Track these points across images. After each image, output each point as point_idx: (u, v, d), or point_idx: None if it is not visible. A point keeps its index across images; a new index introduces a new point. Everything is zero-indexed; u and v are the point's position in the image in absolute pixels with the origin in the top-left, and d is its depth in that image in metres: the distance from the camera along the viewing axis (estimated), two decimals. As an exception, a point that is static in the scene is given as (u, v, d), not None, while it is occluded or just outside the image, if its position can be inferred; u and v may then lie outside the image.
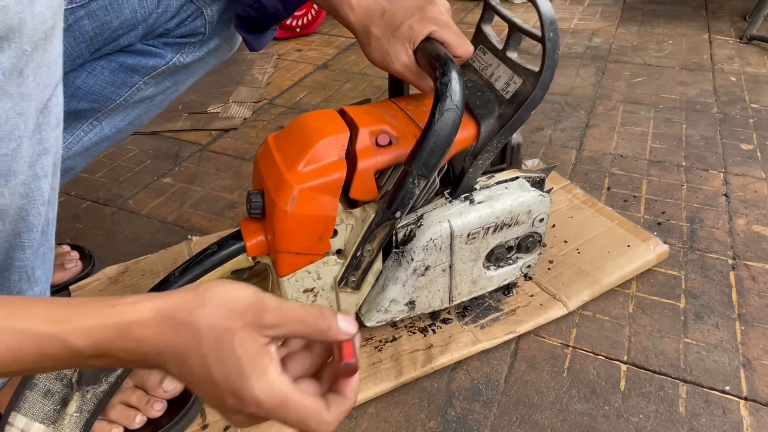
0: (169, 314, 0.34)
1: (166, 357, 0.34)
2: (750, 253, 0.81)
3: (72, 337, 0.33)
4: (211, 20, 0.68)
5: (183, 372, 0.35)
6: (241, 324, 0.34)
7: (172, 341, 0.34)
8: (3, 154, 0.40)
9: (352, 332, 0.37)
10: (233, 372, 0.34)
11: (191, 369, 0.34)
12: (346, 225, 0.60)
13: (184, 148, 1.17)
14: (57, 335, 0.33)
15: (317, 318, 0.36)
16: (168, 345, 0.34)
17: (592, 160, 1.06)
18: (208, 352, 0.34)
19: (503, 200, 0.62)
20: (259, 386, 0.34)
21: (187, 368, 0.34)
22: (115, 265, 0.81)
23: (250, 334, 0.34)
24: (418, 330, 0.69)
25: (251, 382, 0.34)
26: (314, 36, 1.79)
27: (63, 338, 0.33)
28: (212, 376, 0.34)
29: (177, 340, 0.34)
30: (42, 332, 0.32)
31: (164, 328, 0.34)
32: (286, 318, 0.35)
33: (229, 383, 0.34)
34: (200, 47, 0.71)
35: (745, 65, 1.42)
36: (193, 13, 0.66)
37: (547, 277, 0.75)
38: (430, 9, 0.57)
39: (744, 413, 0.59)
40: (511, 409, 0.61)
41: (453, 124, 0.52)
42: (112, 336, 0.33)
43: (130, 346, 0.34)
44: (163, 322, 0.34)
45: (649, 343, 0.68)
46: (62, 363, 0.34)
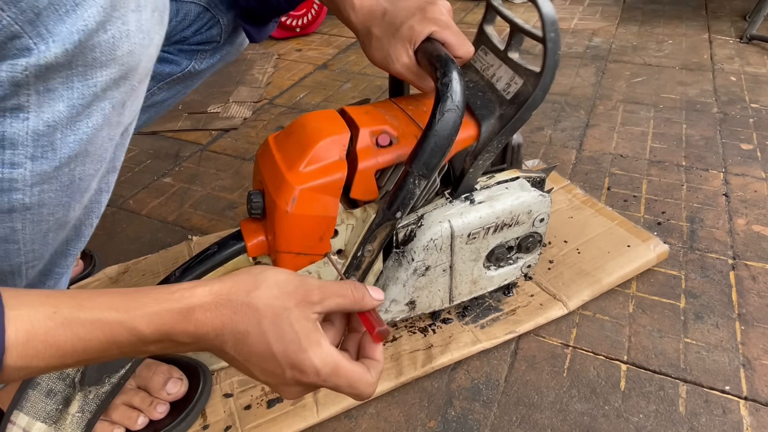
0: (227, 297, 0.38)
1: (225, 338, 0.38)
2: (750, 253, 0.81)
3: (139, 323, 0.35)
4: (227, 28, 0.69)
5: (240, 351, 0.38)
6: (294, 303, 0.39)
7: (231, 322, 0.37)
8: (89, 175, 0.43)
9: (381, 297, 0.43)
10: (293, 346, 0.38)
11: (250, 347, 0.38)
12: (346, 225, 0.60)
13: (184, 148, 1.17)
14: (126, 322, 0.35)
15: (353, 290, 0.42)
16: (226, 326, 0.37)
17: (592, 160, 1.06)
18: (267, 330, 0.38)
19: (504, 200, 0.62)
20: (317, 356, 0.38)
21: (246, 347, 0.38)
22: (116, 265, 0.82)
23: (303, 311, 0.39)
24: (419, 330, 0.69)
25: (309, 353, 0.38)
26: (314, 36, 1.79)
27: (131, 325, 0.35)
28: (272, 352, 0.38)
29: (237, 320, 0.37)
30: (111, 320, 0.35)
31: (224, 311, 0.37)
32: (328, 293, 0.41)
33: (289, 356, 0.38)
34: (214, 54, 0.72)
35: (745, 65, 1.42)
36: (209, 21, 0.67)
37: (547, 277, 0.75)
38: (431, 10, 0.57)
39: (744, 413, 0.60)
40: (511, 409, 0.61)
41: (454, 125, 0.52)
42: (175, 320, 0.36)
43: (190, 329, 0.37)
44: (222, 305, 0.37)
45: (649, 342, 0.68)
46: (127, 350, 0.36)
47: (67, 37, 0.35)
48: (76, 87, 0.37)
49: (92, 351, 0.35)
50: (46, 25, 0.34)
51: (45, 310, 0.33)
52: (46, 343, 0.33)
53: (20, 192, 0.40)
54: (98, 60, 0.37)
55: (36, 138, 0.38)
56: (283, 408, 0.60)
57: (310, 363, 0.38)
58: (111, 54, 0.37)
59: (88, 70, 0.37)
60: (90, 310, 0.34)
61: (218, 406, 0.61)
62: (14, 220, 0.41)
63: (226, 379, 0.64)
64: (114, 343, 0.35)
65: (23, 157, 0.38)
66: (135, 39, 0.39)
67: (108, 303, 0.35)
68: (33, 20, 0.34)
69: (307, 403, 0.61)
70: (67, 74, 0.36)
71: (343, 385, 0.40)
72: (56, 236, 0.47)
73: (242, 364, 0.39)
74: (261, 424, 0.59)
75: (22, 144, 0.38)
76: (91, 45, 0.36)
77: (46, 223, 0.44)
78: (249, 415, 0.60)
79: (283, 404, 0.61)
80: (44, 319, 0.33)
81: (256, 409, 0.61)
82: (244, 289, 0.39)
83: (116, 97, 0.41)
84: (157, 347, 0.37)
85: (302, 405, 0.60)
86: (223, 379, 0.64)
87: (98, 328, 0.34)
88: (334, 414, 0.60)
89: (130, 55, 0.39)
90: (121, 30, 0.37)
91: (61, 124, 0.38)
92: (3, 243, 0.43)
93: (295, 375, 0.39)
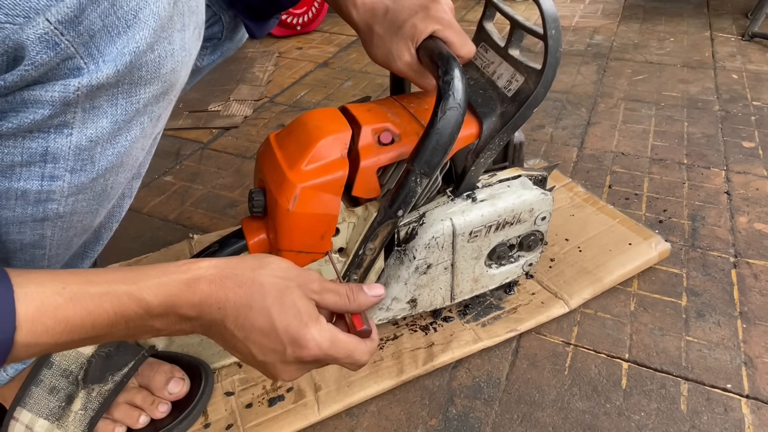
0: (233, 271, 0.39)
1: (227, 311, 0.38)
2: (752, 251, 0.81)
3: (147, 294, 0.36)
4: (228, 25, 0.69)
5: (242, 326, 0.39)
6: (296, 283, 0.41)
7: (235, 295, 0.38)
8: (120, 183, 0.44)
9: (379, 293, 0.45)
10: (294, 320, 0.39)
11: (252, 322, 0.39)
12: (348, 223, 0.60)
13: (184, 146, 1.17)
14: (134, 293, 0.36)
15: (348, 292, 0.43)
16: (229, 299, 0.38)
17: (594, 158, 1.06)
18: (271, 305, 0.39)
19: (505, 198, 0.62)
20: (317, 330, 0.40)
21: (248, 321, 0.39)
22: (117, 263, 0.82)
23: (304, 292, 0.41)
24: (420, 328, 0.69)
25: (310, 327, 0.40)
26: (315, 34, 1.79)
27: (139, 296, 0.36)
28: (275, 326, 0.39)
29: (240, 293, 0.39)
30: (120, 292, 0.36)
31: (228, 283, 0.38)
32: (326, 288, 0.43)
33: (290, 332, 0.39)
34: (214, 51, 0.72)
35: (747, 63, 1.42)
36: (211, 18, 0.67)
37: (549, 275, 0.75)
38: (433, 8, 0.57)
39: (745, 411, 0.60)
40: (513, 407, 0.61)
41: (455, 123, 0.51)
42: (180, 290, 0.37)
43: (195, 299, 0.38)
44: (227, 277, 0.39)
45: (651, 341, 0.68)
46: (133, 324, 0.37)
47: (118, 58, 0.35)
48: (120, 104, 0.38)
49: (100, 326, 0.35)
50: (98, 47, 0.34)
51: (54, 286, 0.34)
52: (56, 319, 0.33)
53: (56, 202, 0.40)
54: (144, 78, 0.37)
55: (77, 152, 0.38)
56: (284, 406, 0.60)
57: (311, 336, 0.40)
58: (156, 72, 0.38)
59: (133, 87, 0.37)
60: (98, 284, 0.35)
61: (220, 404, 0.61)
62: (45, 227, 0.42)
63: (227, 377, 0.64)
64: (122, 316, 0.36)
65: (63, 171, 0.39)
66: (178, 57, 0.39)
67: (116, 277, 0.36)
68: (87, 42, 0.34)
69: (309, 401, 0.61)
70: (114, 92, 0.37)
71: (342, 356, 0.42)
72: (79, 240, 0.47)
73: (241, 341, 0.40)
74: (262, 422, 0.59)
75: (63, 158, 0.38)
76: (139, 65, 0.36)
77: (73, 230, 0.44)
78: (250, 413, 0.60)
79: (285, 402, 0.61)
80: (53, 295, 0.33)
81: (257, 407, 0.61)
82: (249, 266, 0.40)
83: (155, 112, 0.41)
84: (163, 322, 0.38)
85: (303, 403, 0.60)
86: (225, 377, 0.64)
87: (107, 300, 0.35)
88: (335, 412, 0.60)
89: (173, 73, 0.40)
90: (167, 49, 0.38)
91: (103, 139, 0.39)
92: (30, 248, 0.43)
93: (295, 351, 0.40)
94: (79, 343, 0.36)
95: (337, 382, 0.62)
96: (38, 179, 0.38)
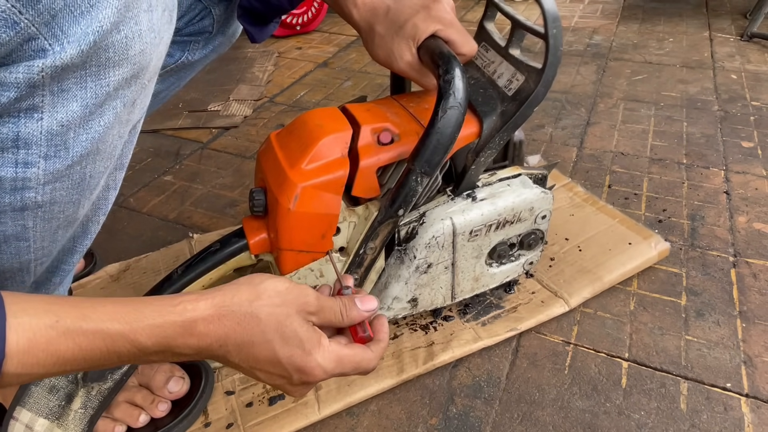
0: (230, 308, 0.39)
1: (229, 348, 0.39)
2: (751, 251, 0.81)
3: (140, 335, 0.36)
4: (219, 19, 0.69)
5: (245, 359, 0.40)
6: (295, 310, 0.41)
7: (234, 333, 0.38)
8: (99, 172, 0.44)
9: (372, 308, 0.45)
10: (297, 350, 0.40)
11: (256, 355, 0.39)
12: (348, 222, 0.60)
13: (184, 146, 1.17)
14: (127, 334, 0.35)
15: (342, 309, 0.44)
16: (230, 336, 0.38)
17: (593, 157, 1.06)
18: (272, 338, 0.39)
19: (505, 197, 0.62)
20: (321, 356, 0.41)
21: (251, 355, 0.39)
22: (117, 263, 0.82)
23: (302, 317, 0.41)
24: (420, 327, 0.69)
25: (314, 355, 0.40)
26: (315, 34, 1.79)
27: (133, 337, 0.36)
28: (278, 358, 0.40)
29: (240, 330, 0.39)
30: (113, 332, 0.35)
31: (227, 322, 0.38)
32: (322, 307, 0.43)
33: (294, 362, 0.40)
34: (206, 45, 0.71)
35: (746, 63, 1.42)
36: (201, 12, 0.67)
37: (549, 274, 0.75)
38: (435, 7, 0.57)
39: (745, 410, 0.60)
40: (513, 406, 0.61)
41: (456, 122, 0.52)
42: (177, 333, 0.37)
43: (192, 342, 0.38)
44: (225, 316, 0.38)
45: (651, 340, 0.68)
46: (127, 359, 0.37)
47: (82, 38, 0.35)
48: (89, 87, 0.37)
49: (93, 360, 0.35)
50: (62, 27, 0.34)
51: (47, 318, 0.33)
52: (47, 352, 0.33)
53: (33, 190, 0.40)
54: (111, 60, 0.37)
55: (50, 137, 0.38)
56: (284, 405, 0.60)
57: (316, 364, 0.41)
58: (124, 54, 0.38)
59: (101, 69, 0.37)
60: (92, 320, 0.35)
61: (220, 403, 0.61)
62: (26, 218, 0.42)
63: (227, 376, 0.64)
64: (115, 353, 0.36)
65: (37, 157, 0.38)
66: (147, 38, 0.39)
67: (110, 314, 0.36)
68: (49, 22, 0.34)
69: (309, 400, 0.61)
70: (81, 74, 0.37)
71: (350, 369, 0.43)
72: (65, 233, 0.47)
73: (248, 370, 0.41)
74: (263, 421, 0.59)
75: (36, 143, 0.38)
76: (105, 45, 0.36)
77: (56, 221, 0.44)
78: (251, 412, 0.60)
79: (285, 401, 0.61)
80: (46, 328, 0.33)
81: (257, 406, 0.61)
82: (246, 299, 0.39)
83: (128, 96, 0.41)
84: (159, 357, 0.38)
85: (304, 402, 0.60)
86: (225, 376, 0.64)
87: (100, 338, 0.35)
88: (335, 411, 0.60)
89: (142, 55, 0.39)
90: (134, 30, 0.37)
91: (75, 124, 0.38)
92: (14, 240, 0.43)
93: (302, 377, 0.41)
94: (71, 372, 0.36)
95: (338, 381, 0.62)
96: (12, 166, 0.38)
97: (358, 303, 0.45)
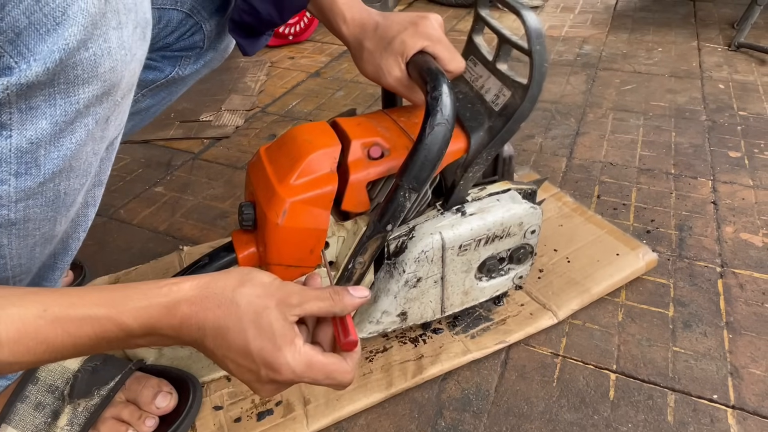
0: (213, 291, 0.39)
1: (206, 331, 0.39)
2: (738, 261, 0.82)
3: (126, 318, 0.37)
4: (210, 34, 0.69)
5: (219, 345, 0.40)
6: (275, 302, 0.40)
7: (214, 316, 0.39)
8: (74, 189, 0.44)
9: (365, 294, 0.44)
10: (269, 344, 0.39)
11: (229, 342, 0.39)
12: (337, 237, 0.60)
13: (176, 156, 1.17)
14: (114, 318, 0.36)
15: (332, 294, 0.43)
16: (208, 319, 0.39)
17: (582, 168, 1.07)
18: (247, 327, 0.39)
19: (495, 212, 0.62)
20: (290, 354, 0.40)
21: (225, 341, 0.39)
22: (106, 275, 0.81)
23: (282, 312, 0.40)
24: (409, 340, 0.69)
25: (283, 352, 0.40)
26: (307, 44, 1.79)
27: (119, 320, 0.37)
28: (249, 349, 0.39)
29: (219, 314, 0.39)
30: (100, 316, 0.36)
31: (208, 303, 0.39)
32: (307, 298, 0.42)
33: (263, 356, 0.40)
34: (197, 60, 0.72)
35: (734, 73, 1.44)
36: (192, 28, 0.67)
37: (537, 286, 0.76)
38: (422, 24, 0.57)
39: (732, 422, 0.60)
40: (501, 419, 0.61)
41: (444, 139, 0.52)
42: (161, 314, 0.38)
43: (175, 322, 0.38)
44: (207, 297, 0.39)
45: (638, 351, 0.68)
46: (115, 344, 0.38)
47: (47, 56, 0.35)
48: (59, 104, 0.38)
49: (82, 346, 0.36)
50: (27, 45, 0.34)
51: (35, 308, 0.34)
52: (37, 340, 0.34)
53: (5, 208, 0.40)
54: (80, 77, 0.37)
55: (19, 155, 0.38)
56: (273, 420, 0.60)
57: (284, 361, 0.40)
58: (93, 71, 0.38)
59: (70, 87, 0.37)
60: (79, 307, 0.36)
61: (208, 418, 0.61)
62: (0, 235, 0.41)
63: (216, 391, 0.64)
64: (103, 338, 0.37)
65: (7, 174, 0.38)
66: (117, 56, 0.39)
67: (97, 299, 0.37)
68: (13, 40, 0.34)
69: (297, 415, 0.60)
70: (50, 92, 0.37)
71: (320, 377, 0.42)
72: (43, 250, 0.47)
73: (220, 359, 0.41)
74: (252, 436, 0.59)
75: (5, 161, 0.38)
76: (72, 63, 0.36)
77: (32, 238, 0.44)
78: (239, 427, 0.60)
79: (274, 416, 0.61)
80: (35, 318, 0.34)
81: (246, 421, 0.60)
82: (230, 285, 0.40)
83: (99, 113, 0.41)
84: (144, 341, 0.39)
85: (292, 417, 0.60)
86: (213, 391, 0.64)
87: (87, 324, 0.36)
88: (324, 426, 0.60)
89: (112, 72, 0.39)
90: (103, 47, 0.38)
91: (45, 141, 0.38)
92: None
93: (269, 374, 0.40)
94: (61, 359, 0.37)
95: (326, 395, 0.62)
96: None
97: (351, 290, 0.44)
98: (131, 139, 1.21)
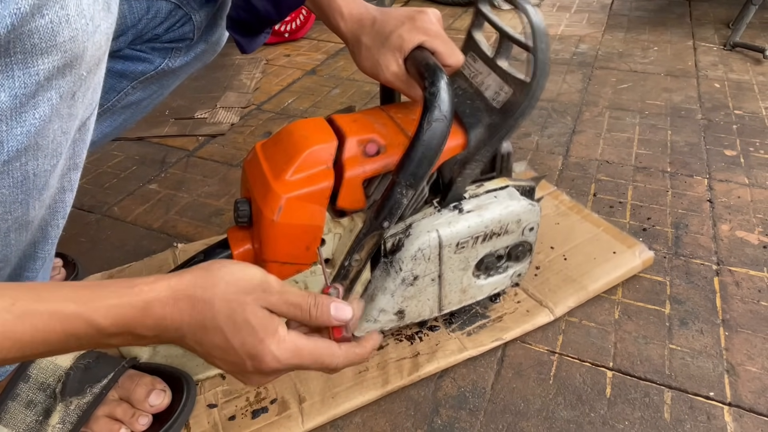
0: (185, 292, 0.39)
1: (184, 331, 0.39)
2: (734, 259, 0.82)
3: (97, 316, 0.36)
4: (200, 26, 0.68)
5: (201, 343, 0.40)
6: (251, 297, 0.40)
7: (189, 317, 0.38)
8: (44, 170, 0.42)
9: (346, 317, 0.43)
10: (250, 338, 0.39)
11: (210, 340, 0.39)
12: (333, 234, 0.60)
13: (170, 153, 1.16)
14: (83, 315, 0.35)
15: (312, 306, 0.42)
16: (184, 321, 0.38)
17: (579, 166, 1.06)
18: (223, 325, 0.39)
19: (492, 209, 0.62)
20: (275, 344, 0.40)
21: (206, 340, 0.39)
22: (99, 273, 0.81)
23: (258, 304, 0.40)
24: (405, 338, 0.69)
25: (266, 342, 0.39)
26: (303, 41, 1.79)
27: (89, 317, 0.36)
28: (231, 345, 0.39)
29: (194, 315, 0.38)
30: (69, 312, 0.35)
31: (182, 305, 0.38)
32: (287, 302, 0.41)
33: (247, 349, 0.39)
34: (187, 52, 0.71)
35: (729, 72, 1.44)
36: (181, 19, 0.66)
37: (534, 283, 0.75)
38: (420, 18, 0.57)
39: (728, 419, 0.60)
40: (498, 417, 0.61)
41: (441, 135, 0.52)
42: (134, 314, 0.37)
43: (150, 323, 0.37)
44: (180, 299, 0.38)
45: (635, 349, 0.68)
46: (87, 342, 0.37)
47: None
48: (17, 75, 0.36)
49: (51, 343, 0.35)
50: None
51: (3, 302, 0.33)
52: (4, 335, 0.33)
53: None
54: (38, 47, 0.36)
55: None
56: (267, 418, 0.60)
57: (269, 351, 0.39)
58: (51, 40, 0.36)
59: (27, 57, 0.36)
60: (48, 301, 0.35)
61: (202, 417, 0.61)
62: None
63: (210, 389, 0.64)
64: (73, 336, 0.36)
65: None
66: (76, 24, 0.37)
67: (67, 295, 0.36)
68: None
69: (292, 413, 0.60)
70: (6, 62, 0.35)
71: (309, 363, 0.41)
72: (19, 237, 0.45)
73: (204, 355, 0.41)
74: (247, 434, 0.58)
75: None
76: (27, 30, 0.35)
77: (4, 223, 0.42)
78: (233, 425, 0.59)
79: (268, 414, 0.60)
80: (2, 312, 0.33)
81: (240, 419, 0.60)
82: (203, 284, 0.39)
83: (63, 87, 0.39)
84: (119, 340, 0.38)
85: (287, 415, 0.60)
86: (208, 389, 0.64)
87: (56, 320, 0.35)
88: (319, 424, 0.60)
89: (73, 42, 0.38)
90: (60, 15, 0.36)
91: (6, 115, 0.37)
92: None
93: (255, 365, 0.40)
94: (33, 356, 0.36)
95: (322, 393, 0.62)
96: None
97: (333, 308, 0.43)
98: (125, 136, 1.20)
